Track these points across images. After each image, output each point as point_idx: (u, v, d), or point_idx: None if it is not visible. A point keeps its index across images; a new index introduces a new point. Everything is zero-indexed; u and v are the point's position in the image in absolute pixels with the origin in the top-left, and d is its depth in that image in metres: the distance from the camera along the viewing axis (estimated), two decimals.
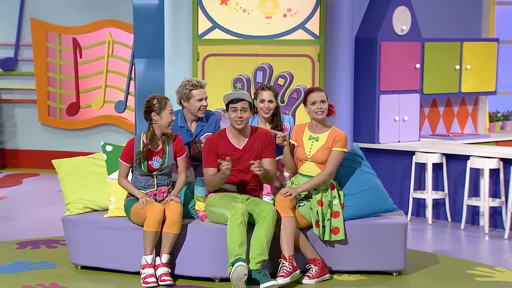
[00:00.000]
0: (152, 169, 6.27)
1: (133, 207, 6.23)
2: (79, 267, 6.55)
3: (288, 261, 6.02)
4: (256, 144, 6.32)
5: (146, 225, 6.07)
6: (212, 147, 6.29)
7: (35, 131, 12.70)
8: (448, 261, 6.92)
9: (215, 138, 6.34)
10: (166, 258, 6.12)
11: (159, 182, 6.33)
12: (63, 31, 12.40)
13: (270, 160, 6.33)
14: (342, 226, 6.25)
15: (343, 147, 6.23)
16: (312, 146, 6.27)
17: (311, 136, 6.28)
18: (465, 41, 9.70)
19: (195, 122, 6.82)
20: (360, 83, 9.09)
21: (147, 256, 6.10)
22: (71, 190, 6.66)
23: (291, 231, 6.07)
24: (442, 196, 8.67)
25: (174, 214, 6.09)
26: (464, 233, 8.20)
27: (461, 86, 9.71)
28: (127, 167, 6.32)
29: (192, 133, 6.81)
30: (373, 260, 6.33)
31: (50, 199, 10.04)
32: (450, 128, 10.07)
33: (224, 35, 8.89)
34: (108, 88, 12.33)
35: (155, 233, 6.07)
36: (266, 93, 6.73)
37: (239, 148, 6.32)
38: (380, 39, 8.95)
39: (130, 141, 6.35)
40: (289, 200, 6.11)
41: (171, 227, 6.09)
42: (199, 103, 6.70)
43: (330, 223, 6.23)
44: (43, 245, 7.38)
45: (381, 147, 9.02)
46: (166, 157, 6.30)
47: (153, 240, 6.09)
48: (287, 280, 5.99)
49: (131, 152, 6.29)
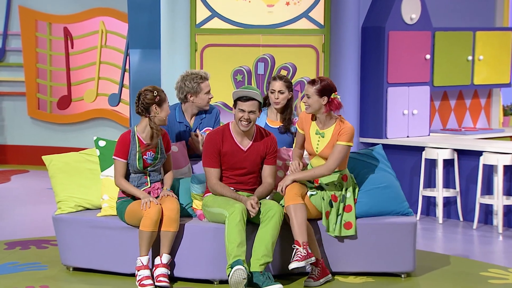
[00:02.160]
0: (147, 164, 6.29)
1: (129, 207, 6.23)
2: (71, 268, 6.56)
3: (302, 246, 5.99)
4: (261, 147, 6.30)
5: (143, 225, 6.08)
6: (215, 145, 6.24)
7: (24, 126, 12.71)
8: (459, 262, 6.93)
9: (217, 134, 6.29)
10: (167, 259, 6.14)
11: (152, 179, 6.34)
12: (53, 20, 12.41)
13: (270, 168, 6.33)
14: (354, 221, 6.26)
15: (347, 141, 6.19)
16: (319, 142, 6.28)
17: (318, 131, 6.28)
18: (478, 30, 9.70)
19: (194, 116, 6.84)
20: (367, 75, 9.09)
21: (143, 257, 6.11)
22: (62, 187, 6.67)
23: (302, 217, 6.03)
24: (453, 194, 8.68)
25: (171, 211, 6.11)
26: (476, 233, 8.22)
27: (473, 78, 9.72)
28: (124, 163, 6.30)
29: (191, 127, 6.84)
30: (380, 261, 6.35)
31: (40, 197, 10.05)
32: (462, 122, 10.08)
33: (223, 24, 8.90)
34: (101, 80, 12.34)
35: (152, 233, 6.09)
36: (278, 83, 6.77)
37: (243, 149, 6.29)
38: (388, 28, 8.95)
39: (123, 136, 6.33)
40: (292, 189, 6.11)
41: (169, 225, 6.11)
42: (207, 96, 6.74)
43: (341, 218, 6.25)
44: (33, 246, 7.39)
45: (389, 142, 9.03)
46: (158, 152, 6.32)
47: (149, 241, 6.10)
48: (302, 264, 5.94)
49: (126, 148, 6.28)
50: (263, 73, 8.88)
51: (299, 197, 6.13)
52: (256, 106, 6.17)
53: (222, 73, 8.83)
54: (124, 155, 6.29)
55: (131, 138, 6.29)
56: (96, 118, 12.40)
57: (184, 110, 6.83)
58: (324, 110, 6.22)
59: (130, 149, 6.28)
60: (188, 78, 6.71)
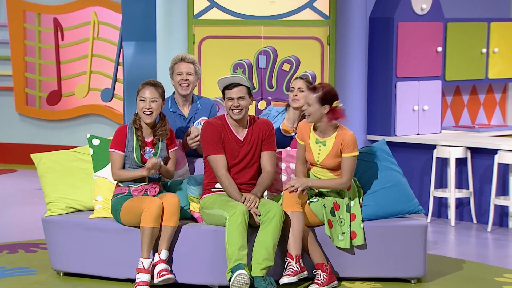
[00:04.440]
0: (145, 160, 6.32)
1: (125, 204, 6.24)
2: (62, 273, 6.58)
3: (295, 260, 6.05)
4: (256, 135, 6.36)
5: (143, 221, 6.08)
6: (217, 131, 6.28)
7: (11, 122, 12.72)
8: (473, 267, 6.95)
9: (216, 120, 6.36)
10: (165, 255, 6.15)
11: (150, 176, 6.36)
12: (42, 10, 12.42)
13: (269, 154, 6.37)
14: (359, 230, 6.27)
15: (353, 151, 6.22)
16: (320, 152, 6.28)
17: (318, 140, 6.29)
18: (493, 21, 9.71)
19: (188, 106, 6.88)
20: (375, 69, 9.11)
21: (145, 259, 6.12)
22: (52, 188, 6.69)
23: (299, 227, 6.09)
24: (466, 194, 8.70)
25: (171, 206, 6.13)
26: (491, 236, 8.23)
27: (488, 72, 9.72)
28: (121, 155, 6.33)
29: (186, 117, 6.87)
30: (389, 265, 6.36)
31: (29, 198, 10.07)
32: (475, 118, 10.09)
33: (223, 15, 8.91)
34: (94, 74, 12.35)
35: (153, 229, 6.09)
36: (299, 82, 6.96)
37: (240, 139, 6.35)
38: (397, 19, 8.97)
39: (120, 129, 6.39)
40: (298, 194, 6.13)
41: (169, 219, 6.13)
42: (178, 77, 6.79)
43: (350, 229, 6.26)
44: (21, 249, 7.41)
45: (398, 140, 9.04)
46: (158, 148, 6.34)
47: (151, 239, 6.10)
48: (294, 279, 6.01)
49: (123, 139, 6.31)
50: (265, 66, 8.90)
51: (299, 205, 6.16)
52: (245, 91, 6.26)
53: (222, 66, 8.84)
54: (121, 147, 6.32)
55: (128, 131, 6.34)
56: (88, 114, 12.42)
57: (175, 99, 6.91)
58: (326, 120, 6.22)
59: (127, 142, 6.32)
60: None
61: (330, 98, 6.18)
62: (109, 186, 6.52)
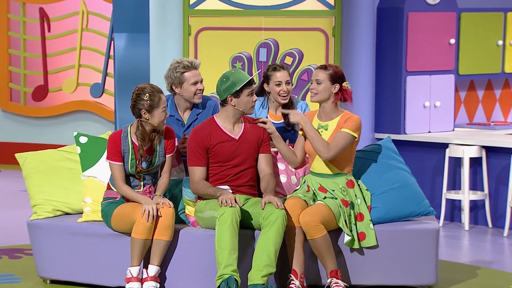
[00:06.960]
0: (142, 169, 6.27)
1: (116, 210, 6.21)
2: (48, 281, 6.58)
3: (298, 279, 6.07)
4: (253, 134, 6.36)
5: (135, 232, 6.07)
6: (200, 141, 6.29)
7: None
8: (488, 274, 6.96)
9: (202, 129, 6.35)
10: (155, 271, 6.14)
11: (146, 182, 6.34)
12: (28, 0, 12.43)
13: (266, 157, 6.39)
14: (368, 231, 6.27)
15: (352, 129, 6.19)
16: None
17: (320, 125, 6.31)
18: (510, 11, 9.72)
19: (189, 110, 6.84)
20: (383, 62, 9.11)
21: (133, 267, 6.11)
22: (38, 189, 6.69)
23: (303, 241, 6.12)
24: (481, 197, 8.70)
25: (165, 217, 6.11)
26: (507, 241, 8.24)
27: (504, 66, 9.73)
28: (121, 166, 6.25)
29: (184, 123, 6.84)
30: (399, 272, 6.36)
31: (13, 201, 10.08)
32: (491, 115, 10.09)
33: (220, 5, 8.91)
34: (82, 68, 12.37)
35: (145, 241, 6.09)
36: (281, 73, 6.79)
37: (234, 137, 6.34)
38: (407, 9, 8.97)
39: (112, 136, 6.28)
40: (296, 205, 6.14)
41: (162, 232, 6.11)
42: (194, 87, 6.73)
43: (356, 228, 6.27)
44: (4, 255, 7.42)
45: (408, 138, 9.05)
46: (156, 156, 6.31)
47: (142, 250, 6.10)
48: None
49: (118, 148, 6.23)
50: (266, 60, 8.90)
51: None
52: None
53: (219, 60, 8.85)
54: (118, 157, 6.26)
55: (122, 139, 6.26)
56: (76, 111, 12.43)
57: (176, 102, 6.85)
58: (333, 99, 6.26)
59: (122, 150, 6.24)
60: (172, 67, 6.76)
61: (341, 77, 6.30)
62: (99, 187, 6.51)
